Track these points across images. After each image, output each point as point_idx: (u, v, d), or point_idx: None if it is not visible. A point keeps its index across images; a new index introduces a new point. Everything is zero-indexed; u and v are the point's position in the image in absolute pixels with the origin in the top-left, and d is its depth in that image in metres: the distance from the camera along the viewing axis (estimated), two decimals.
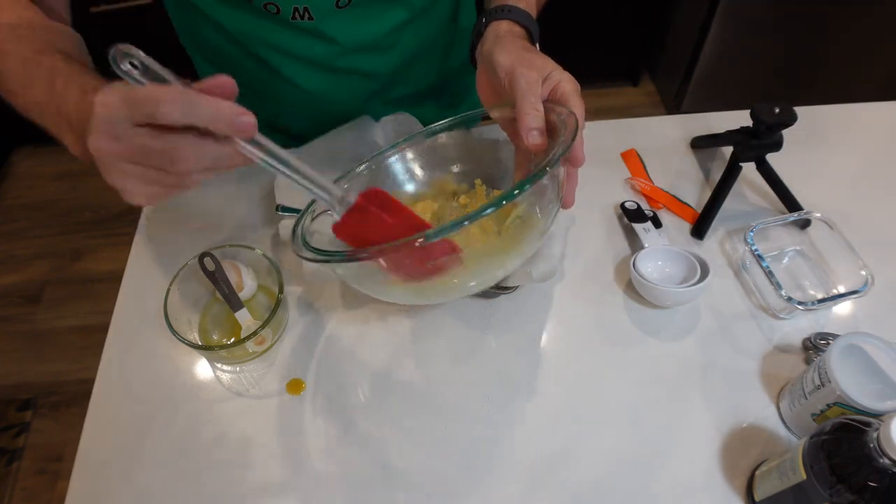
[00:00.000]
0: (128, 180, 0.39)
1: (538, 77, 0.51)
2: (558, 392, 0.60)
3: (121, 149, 0.37)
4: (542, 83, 0.51)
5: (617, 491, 0.54)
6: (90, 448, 0.59)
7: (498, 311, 0.66)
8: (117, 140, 0.36)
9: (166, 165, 0.37)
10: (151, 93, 0.35)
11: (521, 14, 0.58)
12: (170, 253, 0.72)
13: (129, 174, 0.38)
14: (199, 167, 0.38)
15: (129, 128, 0.36)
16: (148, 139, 0.36)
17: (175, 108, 0.34)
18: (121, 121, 0.35)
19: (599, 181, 0.77)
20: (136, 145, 0.36)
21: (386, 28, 0.70)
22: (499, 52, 0.54)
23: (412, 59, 0.76)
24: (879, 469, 0.40)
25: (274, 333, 0.63)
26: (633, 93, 2.14)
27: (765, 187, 0.73)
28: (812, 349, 0.60)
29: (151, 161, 0.37)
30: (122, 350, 0.66)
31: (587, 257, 0.70)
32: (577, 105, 0.50)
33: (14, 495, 1.38)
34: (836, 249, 0.65)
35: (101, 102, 0.36)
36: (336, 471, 0.56)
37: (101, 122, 0.36)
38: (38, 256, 1.84)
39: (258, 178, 0.79)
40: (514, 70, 0.52)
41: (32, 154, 2.12)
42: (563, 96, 0.51)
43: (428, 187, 0.70)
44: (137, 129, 0.36)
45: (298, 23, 0.65)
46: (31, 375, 1.58)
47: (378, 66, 0.74)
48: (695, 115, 0.83)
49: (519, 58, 0.53)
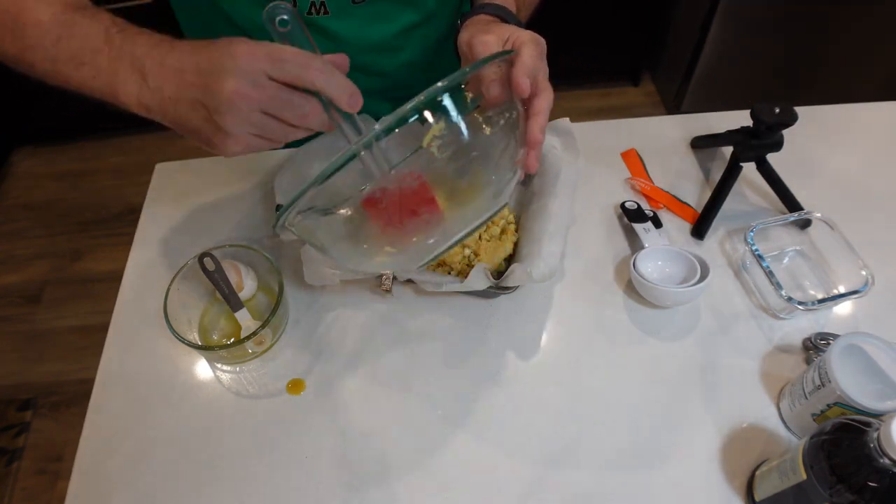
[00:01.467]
0: (246, 125, 0.42)
1: (496, 39, 0.51)
2: (558, 392, 0.60)
3: (260, 96, 0.41)
4: (502, 45, 0.51)
5: (617, 491, 0.54)
6: (90, 448, 0.59)
7: (498, 311, 0.66)
8: (256, 87, 0.41)
9: (292, 118, 0.43)
10: (302, 57, 0.41)
11: (497, 7, 0.58)
12: (170, 253, 0.72)
13: (251, 121, 0.42)
14: (311, 123, 0.44)
15: (266, 80, 0.41)
16: (285, 92, 0.41)
17: (320, 76, 0.41)
18: (262, 72, 0.40)
19: (599, 181, 0.77)
20: (274, 95, 0.41)
21: (395, 29, 0.70)
22: (461, 33, 0.54)
23: (416, 63, 0.77)
24: (879, 469, 0.40)
25: (274, 333, 0.63)
26: (634, 93, 2.14)
27: (765, 187, 0.73)
28: (812, 349, 0.60)
29: (283, 112, 0.42)
30: (122, 350, 0.66)
31: (587, 257, 0.70)
32: (528, 49, 0.49)
33: (14, 495, 1.38)
34: (836, 249, 0.65)
35: (248, 52, 0.40)
36: (336, 471, 0.56)
37: (245, 69, 0.40)
38: (38, 256, 1.84)
39: (258, 179, 0.79)
40: (473, 39, 0.51)
41: (32, 154, 2.12)
42: (517, 43, 0.50)
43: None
44: (272, 82, 0.41)
45: (311, 18, 0.65)
46: (31, 375, 1.58)
47: (383, 66, 0.74)
48: (695, 115, 0.83)
49: (478, 29, 0.52)
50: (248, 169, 0.81)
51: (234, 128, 0.42)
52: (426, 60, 0.78)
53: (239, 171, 0.81)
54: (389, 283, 0.62)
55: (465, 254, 0.65)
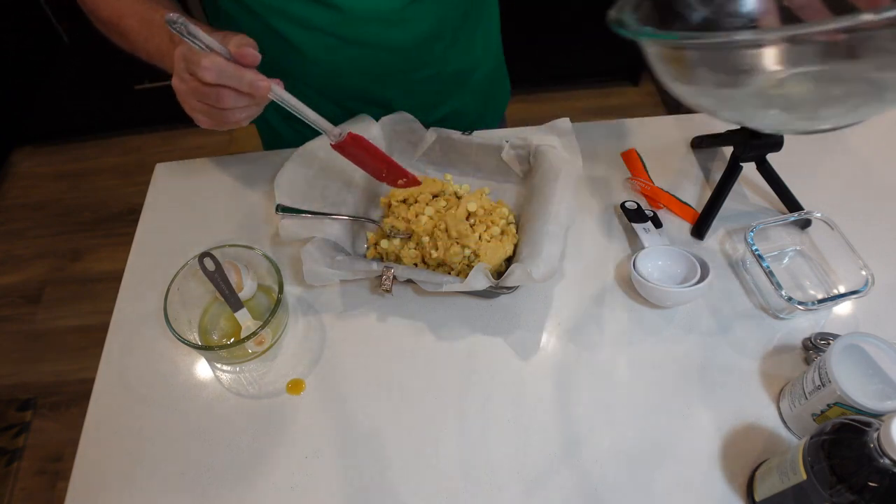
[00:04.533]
0: (194, 111, 0.55)
1: None
2: (558, 392, 0.60)
3: (184, 88, 0.53)
4: None
5: (617, 491, 0.54)
6: (90, 448, 0.59)
7: (498, 311, 0.66)
8: (182, 81, 0.53)
9: (214, 103, 0.52)
10: (194, 57, 0.49)
11: None
12: (170, 253, 0.72)
13: (194, 107, 0.54)
14: (237, 106, 0.53)
15: (187, 75, 0.52)
16: (197, 84, 0.51)
17: (210, 72, 0.49)
18: (181, 69, 0.52)
19: (599, 181, 0.77)
20: (195, 87, 0.52)
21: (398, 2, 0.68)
22: None
23: (433, 37, 0.74)
24: (879, 469, 0.40)
25: (274, 333, 0.63)
26: (633, 93, 2.14)
27: (765, 187, 0.73)
28: (812, 349, 0.60)
29: (206, 99, 0.52)
30: (122, 350, 0.66)
31: (587, 257, 0.70)
32: None
33: (14, 495, 1.38)
34: (836, 249, 0.65)
35: (176, 54, 0.52)
36: (336, 471, 0.56)
37: (175, 68, 0.53)
38: (38, 256, 1.84)
39: (258, 179, 0.79)
40: None
41: (32, 154, 2.12)
42: None
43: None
44: (191, 76, 0.51)
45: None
46: (31, 375, 1.58)
47: (393, 40, 0.72)
48: (695, 115, 0.83)
49: None
50: (248, 169, 0.81)
51: (188, 110, 0.55)
52: (445, 36, 0.75)
53: (239, 171, 0.81)
54: (389, 283, 0.62)
55: (465, 254, 0.65)
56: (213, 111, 0.54)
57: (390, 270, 0.62)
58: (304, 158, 0.73)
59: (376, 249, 0.69)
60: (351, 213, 0.70)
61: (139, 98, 1.93)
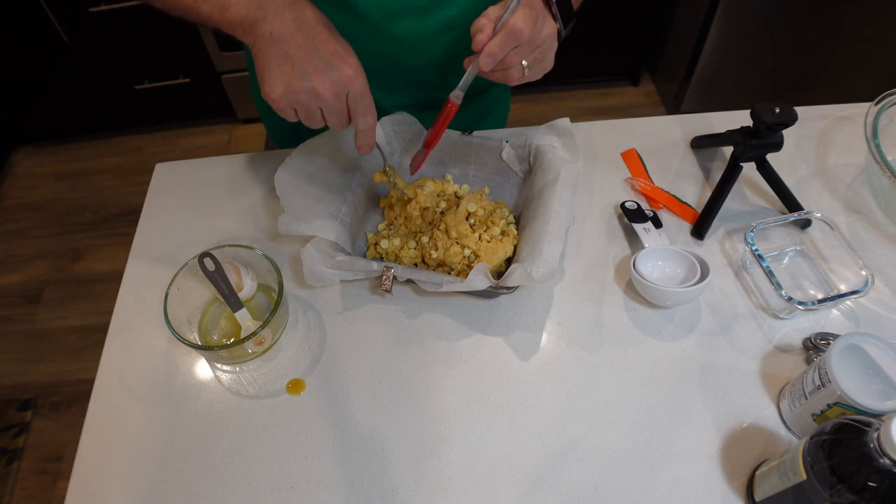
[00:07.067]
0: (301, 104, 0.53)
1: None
2: (558, 392, 0.60)
3: (335, 104, 0.53)
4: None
5: (617, 491, 0.54)
6: (90, 448, 0.59)
7: (498, 311, 0.66)
8: (338, 99, 0.53)
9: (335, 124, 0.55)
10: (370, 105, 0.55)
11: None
12: (170, 253, 0.72)
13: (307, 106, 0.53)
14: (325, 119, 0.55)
15: (345, 97, 0.54)
16: (342, 108, 0.54)
17: (363, 122, 0.55)
18: (347, 92, 0.53)
19: (599, 181, 0.77)
20: (341, 109, 0.54)
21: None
22: None
23: (452, 29, 0.71)
24: (879, 469, 0.40)
25: (274, 333, 0.63)
26: (633, 93, 2.14)
27: (765, 187, 0.73)
28: (812, 349, 0.60)
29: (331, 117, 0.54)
30: (122, 350, 0.66)
31: (587, 257, 0.70)
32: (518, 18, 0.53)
33: (14, 495, 1.38)
34: (836, 249, 0.65)
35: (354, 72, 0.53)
36: (336, 471, 0.56)
37: (342, 81, 0.52)
38: (38, 256, 1.84)
39: (258, 179, 0.79)
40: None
41: (32, 154, 2.12)
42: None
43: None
44: (345, 100, 0.54)
45: None
46: (31, 375, 1.58)
47: (409, 31, 0.69)
48: (695, 115, 0.83)
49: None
50: (248, 169, 0.81)
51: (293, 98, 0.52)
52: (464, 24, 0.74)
53: (239, 171, 0.81)
54: (389, 283, 0.62)
55: (465, 254, 0.65)
56: (316, 119, 0.54)
57: (390, 270, 0.62)
58: (305, 156, 0.72)
59: (376, 249, 0.69)
60: (351, 212, 0.70)
61: (139, 98, 1.93)
